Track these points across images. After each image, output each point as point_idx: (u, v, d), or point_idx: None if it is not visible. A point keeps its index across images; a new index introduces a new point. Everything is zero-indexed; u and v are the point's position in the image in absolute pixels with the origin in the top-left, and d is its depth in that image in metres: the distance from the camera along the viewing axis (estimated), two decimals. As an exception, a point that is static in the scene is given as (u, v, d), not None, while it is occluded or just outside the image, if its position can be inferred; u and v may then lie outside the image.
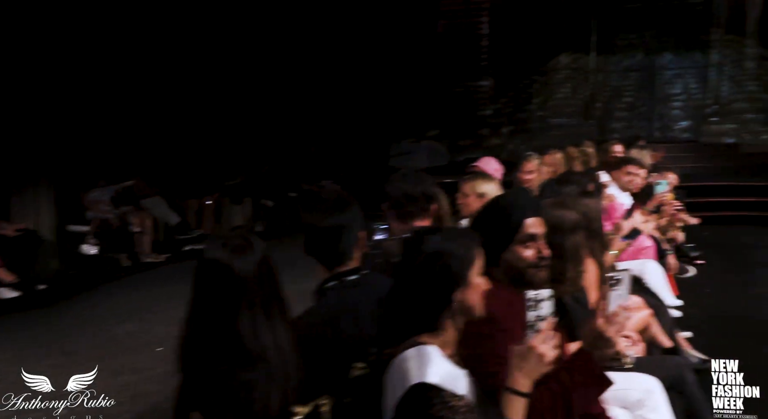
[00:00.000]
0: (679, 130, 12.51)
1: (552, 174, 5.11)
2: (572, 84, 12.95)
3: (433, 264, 1.76)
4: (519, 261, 2.12)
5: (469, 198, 4.01)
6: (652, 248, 4.75)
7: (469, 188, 4.01)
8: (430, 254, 1.78)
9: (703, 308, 5.52)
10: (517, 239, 2.12)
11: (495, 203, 2.24)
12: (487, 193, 3.95)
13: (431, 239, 1.80)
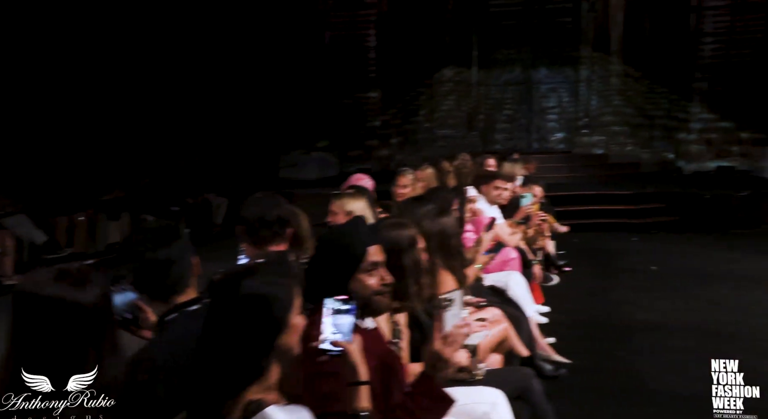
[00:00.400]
0: (554, 141, 13.23)
1: (424, 189, 5.24)
2: (456, 97, 13.39)
3: (252, 310, 1.66)
4: (365, 290, 2.16)
5: (338, 216, 4.02)
6: (517, 260, 4.97)
7: (337, 206, 4.02)
8: (248, 299, 1.67)
9: (568, 314, 5.84)
10: (361, 269, 2.15)
11: (334, 236, 2.25)
12: (355, 211, 3.98)
13: (248, 284, 1.68)
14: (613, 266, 7.75)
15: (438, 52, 13.24)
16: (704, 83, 12.18)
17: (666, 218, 9.91)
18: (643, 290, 6.54)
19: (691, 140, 12.39)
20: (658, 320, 5.60)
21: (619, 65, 12.44)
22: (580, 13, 12.62)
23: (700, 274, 7.10)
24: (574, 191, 10.71)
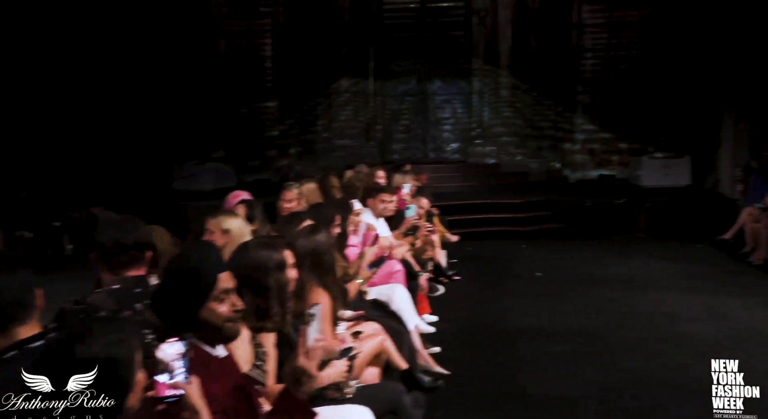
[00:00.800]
0: (450, 151, 13.56)
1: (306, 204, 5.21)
2: (354, 107, 13.46)
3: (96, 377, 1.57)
4: (216, 318, 2.10)
5: (214, 235, 3.92)
6: (401, 272, 5.03)
7: (213, 224, 3.91)
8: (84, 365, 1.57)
9: (456, 322, 5.99)
10: (212, 297, 2.10)
11: (182, 264, 2.17)
12: (232, 229, 3.90)
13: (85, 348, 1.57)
14: (502, 273, 8.02)
15: (335, 62, 13.28)
16: (586, 96, 12.88)
17: (552, 225, 10.38)
18: (528, 297, 6.81)
19: (575, 149, 13.05)
20: (540, 325, 5.84)
21: (508, 78, 12.94)
22: (471, 27, 13.04)
23: (580, 279, 7.48)
24: (467, 200, 11.03)
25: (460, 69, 13.24)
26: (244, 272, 2.49)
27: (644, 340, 5.33)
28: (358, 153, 13.36)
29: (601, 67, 12.83)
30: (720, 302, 6.38)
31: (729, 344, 5.17)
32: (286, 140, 13.76)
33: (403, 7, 13.33)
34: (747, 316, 5.93)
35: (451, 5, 13.16)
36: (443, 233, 7.98)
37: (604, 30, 12.72)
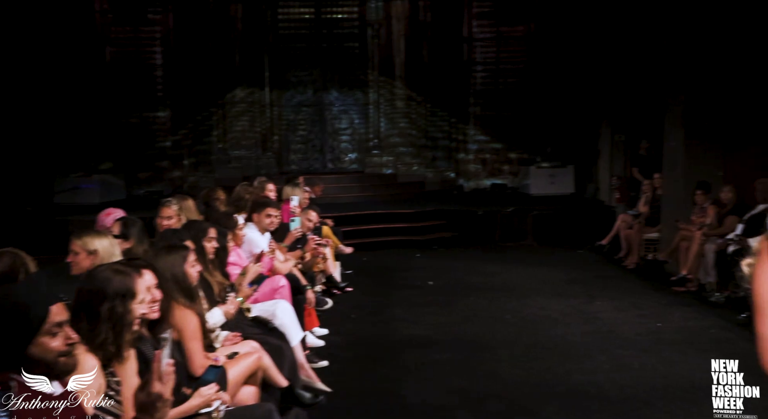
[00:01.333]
0: (348, 161, 13.64)
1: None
2: (249, 117, 13.26)
3: None
4: (48, 353, 2.00)
5: (79, 256, 3.75)
6: (286, 287, 5.00)
7: (78, 245, 3.74)
8: None
9: (345, 334, 6.02)
10: (43, 331, 1.99)
11: (10, 298, 2.05)
12: (99, 250, 3.74)
13: None
14: (394, 283, 8.13)
15: (229, 72, 13.04)
16: (477, 108, 13.36)
17: (446, 234, 10.65)
18: (417, 306, 6.94)
19: (468, 159, 13.49)
20: (426, 335, 5.97)
21: (403, 90, 13.19)
22: (366, 39, 13.20)
23: (468, 287, 7.71)
24: (364, 210, 11.11)
25: (356, 80, 13.36)
26: (84, 299, 2.40)
27: (520, 345, 5.57)
28: (254, 164, 13.19)
29: (491, 79, 13.35)
30: (594, 306, 6.78)
31: (596, 346, 5.50)
32: (178, 151, 13.37)
33: (297, 17, 13.29)
34: (615, 319, 6.32)
35: (346, 17, 13.27)
36: (337, 245, 8.00)
37: (493, 44, 13.25)
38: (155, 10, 12.99)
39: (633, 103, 10.42)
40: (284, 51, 13.26)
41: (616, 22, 10.62)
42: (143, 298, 2.60)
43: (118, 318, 2.44)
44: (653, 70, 9.43)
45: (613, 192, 10.95)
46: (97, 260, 3.63)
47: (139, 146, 13.20)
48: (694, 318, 6.33)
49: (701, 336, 5.75)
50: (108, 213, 4.53)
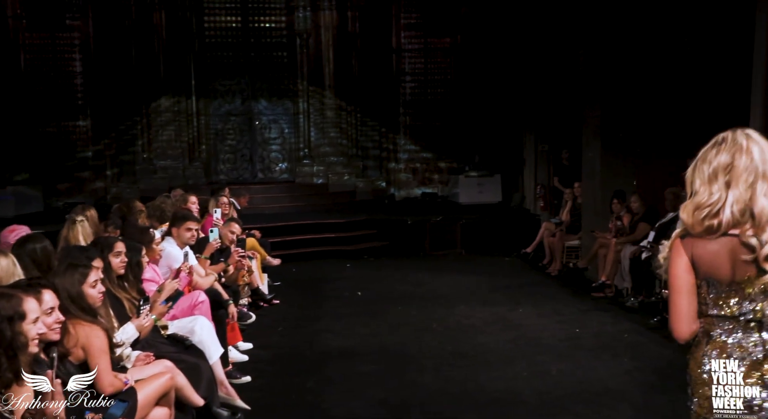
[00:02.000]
0: (278, 171, 13.50)
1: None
2: (176, 127, 12.94)
3: None
4: None
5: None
6: (206, 303, 4.89)
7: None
8: None
9: (270, 348, 5.93)
10: None
11: None
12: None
13: None
14: (323, 294, 8.09)
15: (153, 80, 12.70)
16: (407, 118, 13.50)
17: (376, 243, 10.68)
18: (344, 317, 6.92)
19: (399, 169, 13.60)
20: (352, 345, 5.96)
21: (333, 99, 13.18)
22: (294, 49, 13.13)
23: (396, 296, 7.76)
24: (294, 220, 11.03)
25: (285, 89, 13.27)
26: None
27: (444, 354, 5.63)
28: (181, 174, 12.88)
29: (420, 90, 13.54)
30: (517, 314, 6.93)
31: (517, 353, 5.63)
32: (101, 161, 12.92)
33: (224, 26, 13.09)
34: (537, 325, 6.49)
35: (274, 26, 13.17)
36: (264, 257, 7.89)
37: (422, 55, 13.45)
38: (73, 16, 12.54)
39: (554, 114, 10.78)
40: (211, 59, 13.04)
41: (538, 36, 10.97)
42: (36, 318, 2.49)
43: (8, 342, 2.33)
44: (572, 82, 9.78)
45: (538, 201, 11.28)
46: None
47: (58, 157, 12.68)
48: (610, 322, 6.56)
49: (616, 341, 5.97)
50: (11, 230, 4.32)
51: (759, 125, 5.91)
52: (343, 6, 12.89)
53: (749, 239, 2.01)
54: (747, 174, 2.05)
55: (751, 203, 2.04)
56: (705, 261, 2.10)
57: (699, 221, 2.09)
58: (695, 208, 2.11)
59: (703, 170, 2.11)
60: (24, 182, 12.17)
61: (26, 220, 11.29)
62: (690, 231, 2.13)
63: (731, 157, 2.08)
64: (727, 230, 2.06)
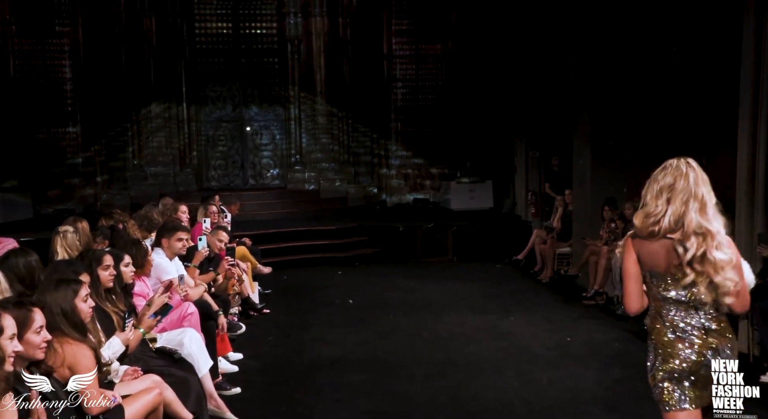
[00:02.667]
0: (270, 177, 13.48)
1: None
2: (166, 133, 12.91)
3: None
4: None
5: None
6: (195, 314, 4.86)
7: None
8: None
9: (260, 358, 5.91)
10: None
11: None
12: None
13: None
14: (314, 302, 8.07)
15: (143, 86, 12.67)
16: (398, 124, 13.52)
17: (367, 250, 10.67)
18: (335, 325, 6.91)
19: (391, 175, 13.61)
20: (342, 355, 5.95)
21: (324, 105, 13.19)
22: (286, 55, 13.13)
23: (387, 304, 7.75)
24: (285, 227, 11.00)
25: (276, 96, 13.27)
26: None
27: (434, 363, 5.63)
28: (172, 181, 12.85)
29: (412, 96, 13.56)
30: (507, 322, 6.94)
31: (507, 362, 5.63)
32: (91, 168, 12.87)
33: (215, 32, 13.09)
34: (527, 333, 6.49)
35: (265, 32, 13.17)
36: (255, 265, 7.88)
37: (413, 61, 13.48)
38: (63, 22, 12.50)
39: (545, 120, 10.81)
40: (202, 66, 13.03)
41: (529, 43, 11.01)
42: (13, 335, 2.47)
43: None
44: (562, 89, 9.82)
45: (529, 207, 11.30)
46: None
47: (47, 163, 12.62)
48: (600, 331, 6.58)
49: (605, 349, 5.98)
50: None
51: (747, 129, 5.95)
52: (334, 12, 12.91)
53: (677, 246, 2.64)
54: (683, 194, 2.67)
55: (683, 216, 2.65)
56: (648, 257, 2.73)
57: (646, 227, 2.71)
58: (644, 216, 2.72)
59: (653, 188, 2.73)
60: (13, 189, 12.10)
61: (15, 227, 11.31)
62: (639, 234, 2.74)
63: (673, 179, 2.69)
64: (665, 234, 2.68)
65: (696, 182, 2.68)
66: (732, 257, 2.62)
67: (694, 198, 2.66)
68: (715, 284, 2.62)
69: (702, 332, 2.68)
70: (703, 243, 2.62)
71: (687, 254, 2.61)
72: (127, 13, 12.47)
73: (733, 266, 2.62)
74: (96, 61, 12.49)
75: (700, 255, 2.61)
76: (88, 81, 12.52)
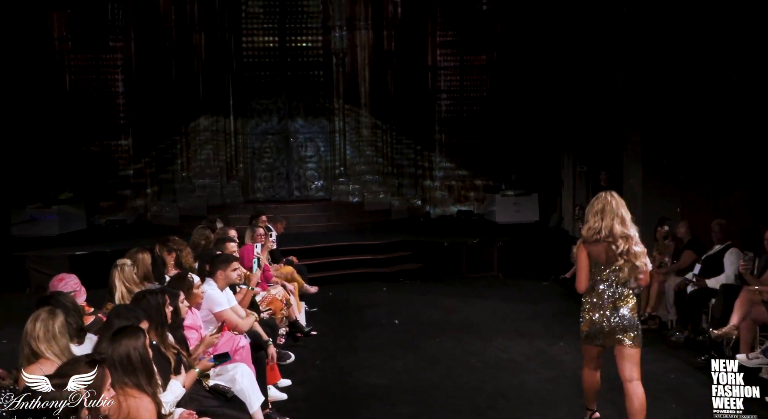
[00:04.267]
0: (314, 189, 13.58)
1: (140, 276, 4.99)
2: (214, 146, 13.12)
3: None
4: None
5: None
6: (247, 348, 4.91)
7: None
8: None
9: (308, 384, 5.95)
10: None
11: None
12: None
13: None
14: (360, 321, 8.08)
15: (192, 100, 12.90)
16: (443, 135, 13.45)
17: (411, 265, 10.64)
18: (381, 349, 6.90)
19: (435, 187, 13.55)
20: (388, 383, 5.93)
21: (369, 118, 13.21)
22: (331, 68, 13.20)
23: (432, 326, 7.72)
24: (329, 241, 11.05)
25: (321, 108, 13.35)
26: None
27: (482, 395, 5.57)
28: (219, 193, 13.06)
29: (456, 107, 13.47)
30: (557, 348, 6.83)
31: (559, 394, 5.53)
32: (141, 180, 13.17)
33: (261, 46, 13.24)
34: (577, 362, 6.32)
35: (311, 46, 13.26)
36: (301, 285, 7.94)
37: (457, 72, 13.38)
38: (116, 38, 12.82)
39: (593, 135, 10.60)
40: (248, 79, 13.20)
41: (576, 55, 10.81)
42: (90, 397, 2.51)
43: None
44: (611, 104, 9.61)
45: (576, 222, 11.09)
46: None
47: (100, 175, 12.97)
48: (654, 360, 6.39)
49: (661, 382, 5.81)
50: (60, 279, 4.39)
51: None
52: (379, 25, 12.91)
53: (612, 246, 4.19)
54: (610, 214, 4.21)
55: (612, 228, 4.18)
56: (594, 255, 4.28)
57: (591, 236, 4.25)
58: (588, 229, 4.28)
59: (592, 211, 4.30)
60: (68, 200, 12.47)
61: (70, 239, 11.68)
62: (587, 240, 4.29)
63: (603, 205, 4.26)
64: (603, 239, 4.20)
65: (617, 206, 4.26)
66: (644, 250, 4.28)
67: (617, 216, 4.23)
68: (635, 266, 4.22)
69: (614, 299, 4.31)
70: (627, 243, 4.19)
71: (618, 250, 4.20)
72: (178, 29, 12.71)
73: (644, 255, 4.26)
74: (147, 75, 12.78)
75: (626, 250, 4.19)
76: (140, 95, 12.82)
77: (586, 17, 10.19)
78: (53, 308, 3.61)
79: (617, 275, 4.23)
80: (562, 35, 11.19)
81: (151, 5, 12.65)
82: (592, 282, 4.33)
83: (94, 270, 10.25)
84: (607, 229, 4.15)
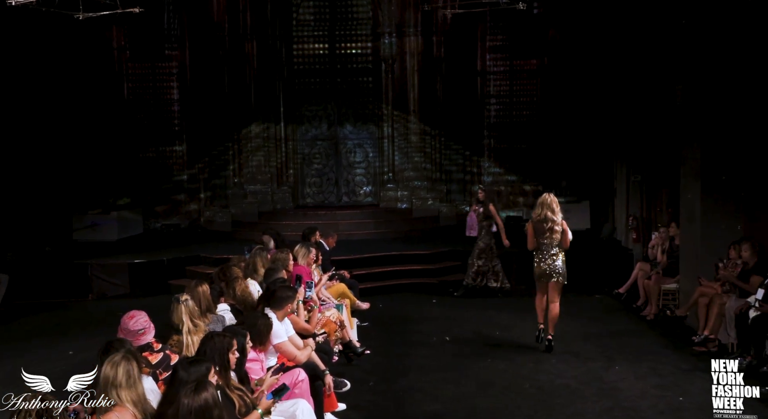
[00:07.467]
0: (363, 195, 13.68)
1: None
2: (265, 152, 13.34)
3: None
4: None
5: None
6: (306, 381, 5.00)
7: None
8: None
9: (362, 410, 6.03)
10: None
11: None
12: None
13: None
14: (410, 339, 8.11)
15: (244, 107, 13.14)
16: (491, 140, 13.35)
17: (461, 276, 10.60)
18: (434, 371, 6.92)
19: (484, 192, 13.44)
20: (440, 410, 5.95)
21: (417, 124, 13.21)
22: (380, 74, 13.23)
23: (483, 344, 7.73)
24: (379, 250, 11.12)
25: (370, 114, 13.42)
26: None
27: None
28: (269, 199, 13.28)
29: (505, 112, 13.34)
30: (612, 373, 6.75)
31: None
32: (195, 185, 13.49)
33: (311, 53, 13.36)
34: (634, 390, 6.28)
35: (360, 52, 13.31)
36: (353, 301, 8.03)
37: (507, 77, 13.24)
38: (171, 46, 13.12)
39: (648, 146, 10.35)
40: (299, 86, 13.35)
41: (631, 63, 10.55)
42: None
43: None
44: (668, 117, 9.36)
45: (630, 232, 10.90)
46: None
47: (156, 180, 13.36)
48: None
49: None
50: (131, 317, 4.53)
51: None
52: (429, 31, 12.86)
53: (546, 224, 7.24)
54: (546, 205, 7.27)
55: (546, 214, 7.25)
56: (536, 229, 7.29)
57: (536, 218, 7.32)
58: (534, 215, 7.38)
59: (538, 204, 7.38)
60: (126, 206, 12.89)
61: (127, 244, 12.06)
62: (533, 220, 7.35)
63: (542, 200, 7.35)
64: (542, 220, 7.26)
65: (551, 202, 7.25)
66: (566, 228, 7.27)
67: (548, 207, 7.22)
68: (561, 235, 7.21)
69: (550, 256, 7.25)
70: (554, 223, 7.17)
71: (548, 226, 7.18)
72: (231, 38, 12.93)
73: (565, 230, 7.22)
74: (201, 83, 13.06)
75: (555, 226, 7.18)
76: (194, 102, 13.11)
77: (642, 26, 9.92)
78: (128, 351, 3.71)
79: (550, 240, 7.20)
80: (617, 42, 10.93)
81: (206, 15, 12.89)
82: (537, 244, 7.29)
83: (152, 278, 10.67)
84: (543, 214, 7.21)
